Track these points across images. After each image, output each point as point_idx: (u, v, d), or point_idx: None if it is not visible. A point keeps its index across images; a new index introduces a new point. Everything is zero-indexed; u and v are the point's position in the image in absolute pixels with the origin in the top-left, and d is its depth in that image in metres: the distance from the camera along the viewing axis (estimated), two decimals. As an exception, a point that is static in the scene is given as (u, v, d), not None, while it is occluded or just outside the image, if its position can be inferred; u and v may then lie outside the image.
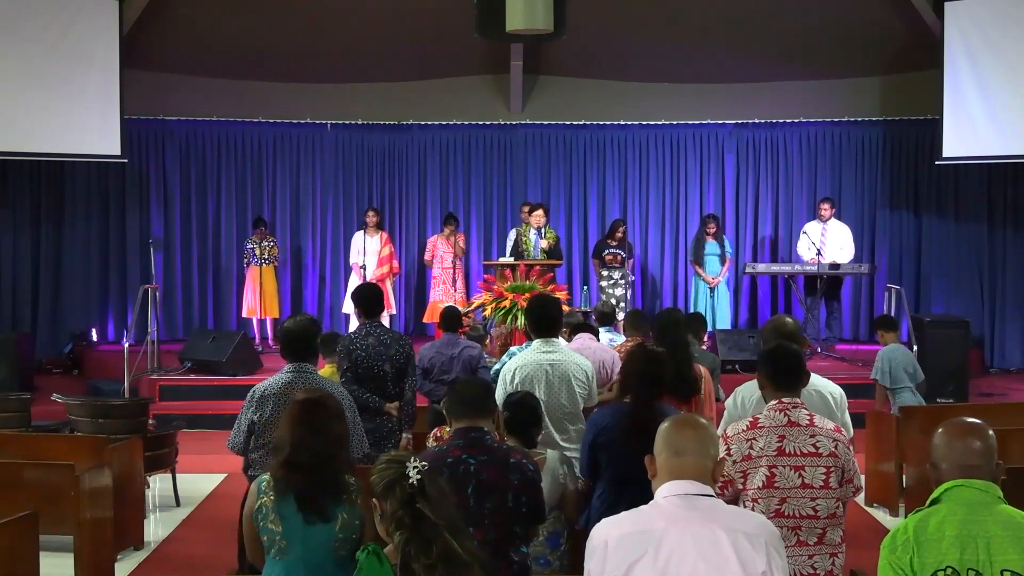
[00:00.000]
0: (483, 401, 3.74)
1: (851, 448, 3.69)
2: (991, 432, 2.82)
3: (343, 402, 4.54)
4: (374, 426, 5.64)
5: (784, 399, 3.70)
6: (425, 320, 12.12)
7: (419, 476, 2.72)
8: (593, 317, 8.03)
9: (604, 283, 11.66)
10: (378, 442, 5.49)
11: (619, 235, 11.69)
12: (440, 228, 12.10)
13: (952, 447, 2.79)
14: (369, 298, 5.96)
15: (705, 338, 7.66)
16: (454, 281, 11.59)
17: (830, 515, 3.59)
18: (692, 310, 11.86)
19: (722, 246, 11.91)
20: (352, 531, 3.28)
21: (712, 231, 11.87)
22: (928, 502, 2.79)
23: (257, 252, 11.89)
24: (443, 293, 11.57)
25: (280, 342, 4.87)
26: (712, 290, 11.83)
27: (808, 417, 3.67)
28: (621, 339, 8.02)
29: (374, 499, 2.81)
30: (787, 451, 3.59)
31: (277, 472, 3.34)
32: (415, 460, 2.77)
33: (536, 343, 5.30)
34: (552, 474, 4.29)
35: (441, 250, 11.76)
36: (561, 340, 5.54)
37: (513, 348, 7.04)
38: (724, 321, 11.83)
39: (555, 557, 4.31)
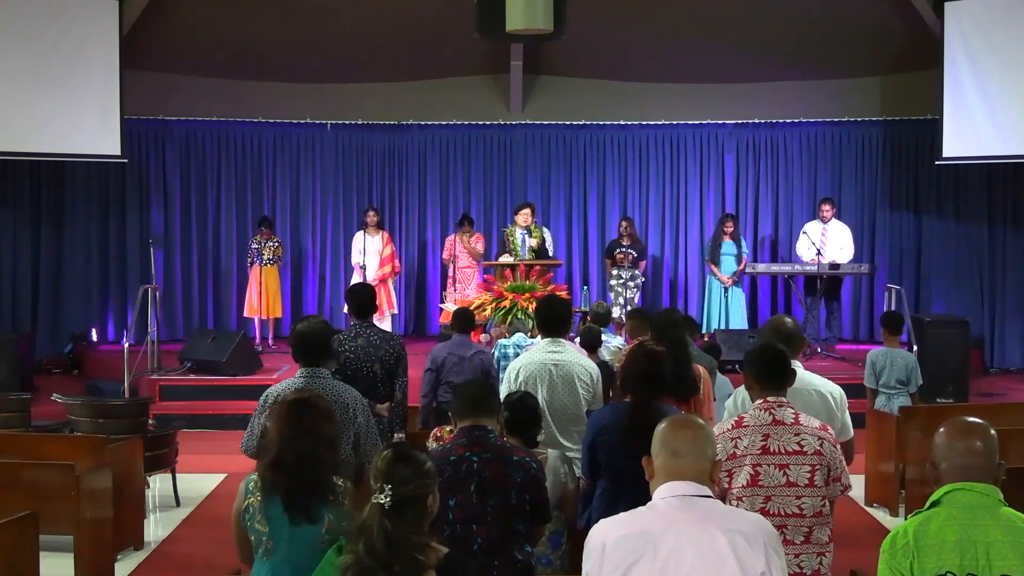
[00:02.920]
0: (486, 400, 3.76)
1: (838, 447, 3.69)
2: (993, 432, 2.82)
3: (356, 405, 4.51)
4: None
5: (769, 398, 3.72)
6: (442, 321, 12.00)
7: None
8: (588, 317, 8.03)
9: (614, 282, 11.61)
10: None
11: (625, 231, 11.68)
12: (453, 228, 12.04)
13: (953, 447, 2.79)
14: (362, 298, 5.89)
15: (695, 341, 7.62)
16: (470, 283, 11.49)
17: (816, 513, 3.60)
18: (705, 309, 11.88)
19: (739, 246, 11.85)
20: (340, 532, 3.24)
21: (730, 231, 11.82)
22: (927, 504, 2.79)
23: (262, 252, 11.87)
24: (459, 294, 11.35)
25: (292, 346, 4.71)
26: (726, 290, 11.79)
27: (793, 416, 3.68)
28: (617, 340, 8.02)
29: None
30: (771, 449, 3.60)
31: (264, 472, 3.33)
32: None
33: (542, 342, 5.32)
34: (553, 473, 4.30)
35: (459, 250, 11.66)
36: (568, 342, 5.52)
37: (502, 340, 7.04)
38: (738, 321, 11.76)
39: (557, 556, 4.32)
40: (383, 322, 11.36)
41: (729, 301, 11.80)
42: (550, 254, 11.29)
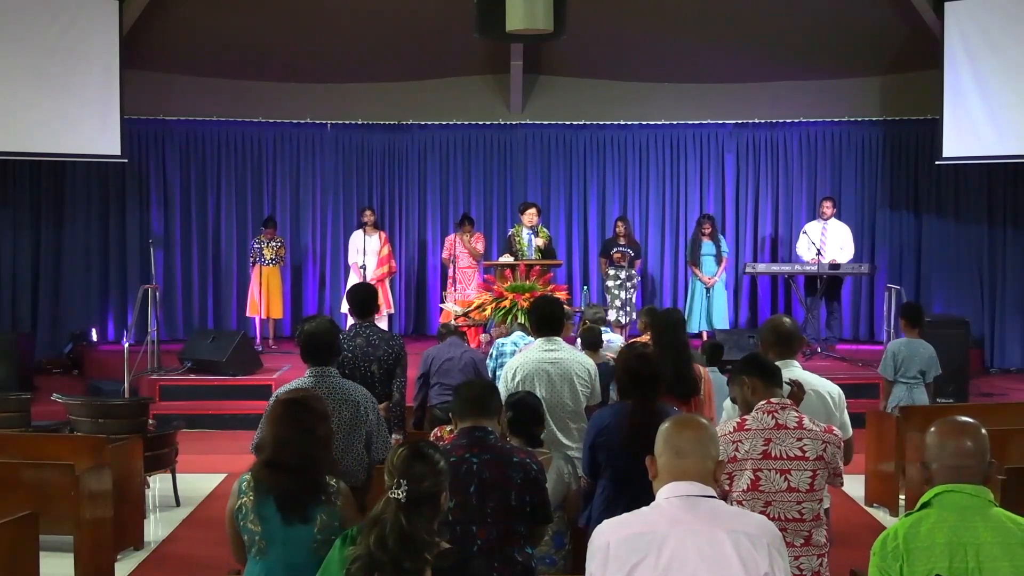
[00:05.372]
0: (487, 401, 3.74)
1: (840, 448, 3.69)
2: (984, 432, 2.81)
3: (367, 404, 4.53)
4: None
5: (773, 400, 3.71)
6: (442, 321, 11.98)
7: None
8: (586, 321, 8.02)
9: (610, 282, 11.62)
10: None
11: (621, 231, 11.69)
12: (453, 228, 12.04)
13: (943, 447, 2.78)
14: (364, 298, 5.87)
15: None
16: (470, 283, 11.47)
17: (815, 517, 3.61)
18: (688, 310, 11.89)
19: (718, 246, 11.88)
20: (331, 532, 3.25)
21: (707, 231, 11.86)
22: (918, 505, 2.78)
23: (265, 252, 11.86)
24: (459, 294, 11.32)
25: (300, 346, 4.68)
26: (708, 290, 11.81)
27: (797, 419, 3.67)
28: (617, 340, 8.04)
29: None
30: (772, 454, 3.59)
31: (258, 472, 3.32)
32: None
33: (538, 342, 5.31)
34: (557, 473, 4.30)
35: (459, 250, 11.64)
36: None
37: (500, 339, 7.04)
38: (722, 321, 11.82)
39: (560, 556, 4.33)
40: (380, 322, 11.35)
41: (711, 301, 11.83)
42: (554, 254, 11.31)
